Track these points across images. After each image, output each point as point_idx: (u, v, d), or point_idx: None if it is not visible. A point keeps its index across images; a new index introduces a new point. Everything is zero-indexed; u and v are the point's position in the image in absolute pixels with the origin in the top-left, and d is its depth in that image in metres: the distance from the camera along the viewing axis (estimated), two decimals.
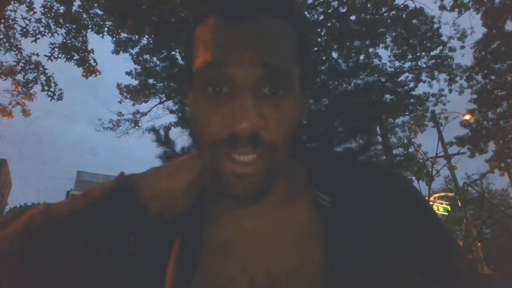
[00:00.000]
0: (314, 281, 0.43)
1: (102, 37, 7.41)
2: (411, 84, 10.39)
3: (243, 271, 0.46)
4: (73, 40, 7.13)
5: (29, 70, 7.08)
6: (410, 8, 9.18)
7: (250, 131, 0.40)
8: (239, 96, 0.41)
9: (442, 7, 10.14)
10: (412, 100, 10.62)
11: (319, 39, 8.66)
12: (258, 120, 0.40)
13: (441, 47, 10.00)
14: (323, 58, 8.51)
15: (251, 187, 0.43)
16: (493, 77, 10.46)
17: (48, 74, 7.16)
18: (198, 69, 0.44)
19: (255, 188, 0.43)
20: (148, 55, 8.89)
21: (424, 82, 10.63)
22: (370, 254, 0.44)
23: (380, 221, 0.47)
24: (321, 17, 8.97)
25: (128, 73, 9.37)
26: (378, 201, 0.49)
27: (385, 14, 9.26)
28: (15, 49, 6.98)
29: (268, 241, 0.48)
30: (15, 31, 6.82)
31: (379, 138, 8.48)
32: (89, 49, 7.33)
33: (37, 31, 6.72)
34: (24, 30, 6.63)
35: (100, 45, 8.47)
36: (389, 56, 10.15)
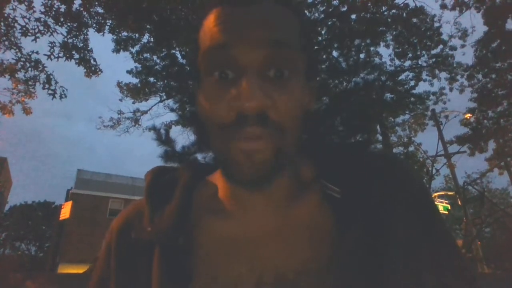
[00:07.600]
0: (324, 277, 0.42)
1: (103, 35, 7.40)
2: (412, 83, 10.41)
3: (251, 269, 0.44)
4: (74, 39, 7.10)
5: (29, 69, 7.04)
6: (410, 7, 9.18)
7: (257, 110, 0.40)
8: (245, 77, 0.41)
9: (443, 6, 10.12)
10: (412, 99, 10.62)
11: (320, 38, 8.65)
12: (264, 99, 0.40)
13: (441, 46, 10.00)
14: (324, 56, 8.50)
15: (259, 165, 0.42)
16: (493, 76, 10.43)
17: (48, 72, 7.13)
18: (204, 53, 0.44)
19: (262, 167, 0.42)
20: (148, 54, 8.89)
21: (425, 80, 10.64)
22: (380, 246, 0.43)
23: (390, 212, 0.46)
24: (322, 15, 8.96)
25: (129, 72, 9.37)
26: (388, 191, 0.47)
27: (386, 13, 9.24)
28: (15, 48, 6.96)
29: (276, 237, 0.46)
30: (14, 29, 6.80)
31: (379, 137, 8.48)
32: (89, 48, 7.30)
33: (36, 30, 6.70)
34: (24, 29, 6.61)
35: (100, 43, 8.47)
36: (390, 55, 10.16)
